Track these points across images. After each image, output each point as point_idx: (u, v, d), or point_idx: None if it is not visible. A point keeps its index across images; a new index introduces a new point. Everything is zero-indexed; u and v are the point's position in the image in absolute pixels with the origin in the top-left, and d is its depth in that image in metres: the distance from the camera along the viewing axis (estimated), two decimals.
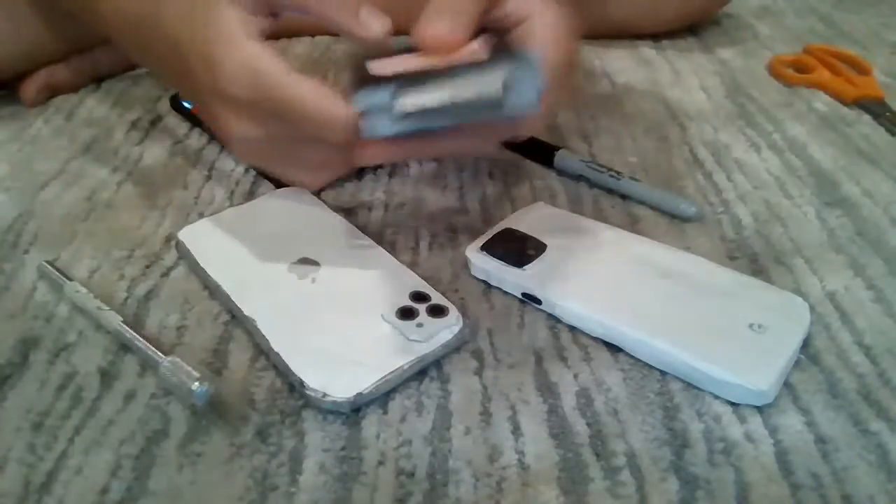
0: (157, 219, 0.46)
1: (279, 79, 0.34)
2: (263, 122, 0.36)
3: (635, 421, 0.32)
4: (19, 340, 0.37)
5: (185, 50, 0.36)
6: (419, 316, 0.36)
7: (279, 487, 0.29)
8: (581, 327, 0.37)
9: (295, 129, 0.35)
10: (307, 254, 0.40)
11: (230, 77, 0.34)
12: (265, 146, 0.37)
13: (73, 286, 0.38)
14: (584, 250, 0.41)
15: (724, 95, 0.61)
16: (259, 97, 0.34)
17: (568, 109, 0.45)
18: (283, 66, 0.34)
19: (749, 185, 0.49)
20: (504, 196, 0.48)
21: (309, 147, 0.37)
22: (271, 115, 0.35)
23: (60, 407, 0.33)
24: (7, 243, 0.43)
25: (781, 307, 0.37)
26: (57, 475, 0.30)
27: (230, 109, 0.36)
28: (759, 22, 0.78)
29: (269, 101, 0.34)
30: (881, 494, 0.29)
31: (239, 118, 0.36)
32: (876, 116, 0.58)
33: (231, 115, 0.36)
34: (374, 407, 0.33)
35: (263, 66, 0.34)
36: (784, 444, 0.31)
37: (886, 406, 0.33)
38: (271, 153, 0.38)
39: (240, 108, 0.35)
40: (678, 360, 0.34)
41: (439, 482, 0.30)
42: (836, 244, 0.43)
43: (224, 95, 0.35)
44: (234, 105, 0.35)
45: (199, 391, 0.32)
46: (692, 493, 0.29)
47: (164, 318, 0.38)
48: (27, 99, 0.58)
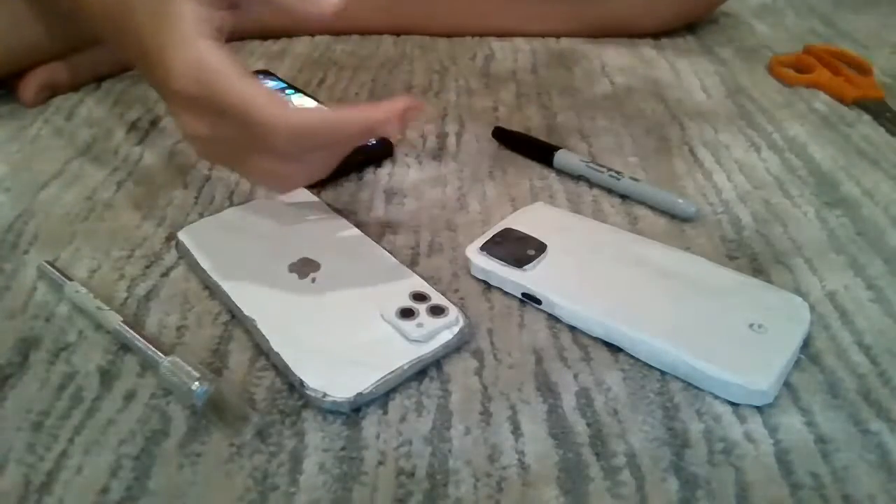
0: (157, 219, 0.46)
1: (226, 79, 0.34)
2: (211, 121, 0.36)
3: (635, 421, 0.32)
4: (19, 340, 0.37)
5: (146, 43, 0.37)
6: (419, 316, 0.36)
7: (279, 487, 0.29)
8: (581, 327, 0.37)
9: (240, 131, 0.35)
10: (307, 254, 0.40)
11: (179, 73, 0.34)
12: (219, 147, 0.37)
13: (73, 286, 0.38)
14: (584, 250, 0.41)
15: (724, 95, 0.61)
16: (205, 94, 0.34)
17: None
18: (234, 66, 0.34)
19: (749, 185, 0.49)
20: (504, 196, 0.48)
21: (263, 155, 0.37)
22: (218, 114, 0.35)
23: (60, 407, 0.33)
24: (7, 243, 0.43)
25: (781, 307, 0.37)
26: (57, 475, 0.30)
27: (180, 106, 0.36)
28: (759, 22, 0.78)
29: (214, 99, 0.34)
30: (881, 494, 0.29)
31: (188, 116, 0.36)
32: (876, 116, 0.58)
33: (181, 112, 0.36)
34: (374, 407, 0.33)
35: (212, 65, 0.34)
36: (784, 444, 0.31)
37: (886, 406, 0.33)
38: (226, 155, 0.38)
39: (188, 106, 0.36)
40: (678, 360, 0.34)
41: (439, 482, 0.30)
42: (836, 244, 0.43)
43: (174, 91, 0.35)
44: (183, 102, 0.36)
45: (199, 391, 0.32)
46: (692, 493, 0.29)
47: (163, 317, 0.38)
48: (27, 99, 0.58)
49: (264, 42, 0.71)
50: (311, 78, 0.64)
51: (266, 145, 0.35)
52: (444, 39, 0.72)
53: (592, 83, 0.63)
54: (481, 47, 0.70)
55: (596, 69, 0.66)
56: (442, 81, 0.64)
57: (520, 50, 0.70)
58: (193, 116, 0.36)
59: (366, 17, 0.73)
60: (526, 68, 0.66)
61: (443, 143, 0.54)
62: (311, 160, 0.38)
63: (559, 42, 0.72)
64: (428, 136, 0.55)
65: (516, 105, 0.60)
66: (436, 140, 0.55)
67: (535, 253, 0.40)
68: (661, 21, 0.71)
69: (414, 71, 0.66)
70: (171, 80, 0.35)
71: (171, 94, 0.36)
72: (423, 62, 0.67)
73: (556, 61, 0.67)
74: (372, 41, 0.72)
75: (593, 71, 0.66)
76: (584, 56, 0.68)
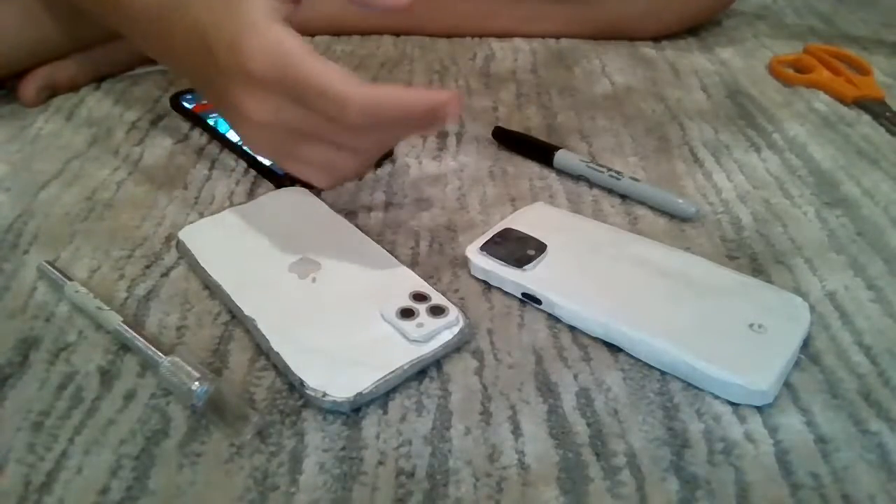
0: (157, 219, 0.46)
1: (302, 57, 0.35)
2: (278, 105, 0.37)
3: (635, 421, 0.32)
4: (19, 340, 0.37)
5: (210, 34, 0.38)
6: (419, 316, 0.36)
7: (279, 487, 0.29)
8: (581, 327, 0.37)
9: (309, 115, 0.36)
10: (307, 254, 0.40)
11: (254, 55, 0.36)
12: (276, 135, 0.38)
13: (73, 286, 0.38)
14: (584, 250, 0.41)
15: (724, 95, 0.61)
16: (280, 75, 0.36)
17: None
18: (307, 46, 0.36)
19: (749, 185, 0.49)
20: (504, 196, 0.48)
21: (317, 144, 0.38)
22: (289, 96, 0.36)
23: (60, 407, 0.33)
24: (7, 243, 0.43)
25: (781, 307, 0.37)
26: (57, 475, 0.30)
27: (248, 90, 0.37)
28: (759, 22, 0.78)
29: (289, 78, 0.35)
30: (881, 494, 0.29)
31: (255, 99, 0.37)
32: (876, 116, 0.58)
33: (248, 96, 0.37)
34: (374, 407, 0.33)
35: (287, 45, 0.36)
36: (784, 444, 0.31)
37: (886, 406, 0.33)
38: (281, 144, 0.39)
39: (257, 88, 0.37)
40: (678, 360, 0.34)
41: (439, 482, 0.30)
42: (836, 244, 0.43)
43: (245, 74, 0.36)
44: (252, 85, 0.37)
45: (199, 391, 0.32)
46: (692, 493, 0.29)
47: (164, 317, 0.38)
48: (27, 99, 0.58)
49: None
50: None
51: (333, 127, 0.36)
52: (444, 39, 0.72)
53: (592, 83, 0.63)
54: (481, 47, 0.70)
55: (596, 69, 0.66)
56: (442, 81, 0.64)
57: (520, 50, 0.70)
58: (261, 100, 0.37)
59: (366, 17, 0.73)
60: (526, 68, 0.66)
61: (443, 143, 0.54)
62: (366, 147, 0.39)
63: (559, 42, 0.72)
64: (428, 136, 0.55)
65: (516, 105, 0.60)
66: (436, 140, 0.55)
67: (535, 253, 0.40)
68: (664, 26, 0.71)
69: (414, 71, 0.66)
70: (248, 62, 0.36)
71: (241, 77, 0.36)
72: (423, 62, 0.67)
73: (556, 61, 0.67)
74: (372, 41, 0.72)
75: (593, 71, 0.66)
76: (584, 56, 0.68)
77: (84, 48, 0.60)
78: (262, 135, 0.39)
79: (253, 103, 0.37)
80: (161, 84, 0.62)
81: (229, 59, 0.37)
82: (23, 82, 0.58)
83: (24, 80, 0.58)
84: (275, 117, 0.37)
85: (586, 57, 0.68)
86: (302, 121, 0.37)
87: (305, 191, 0.46)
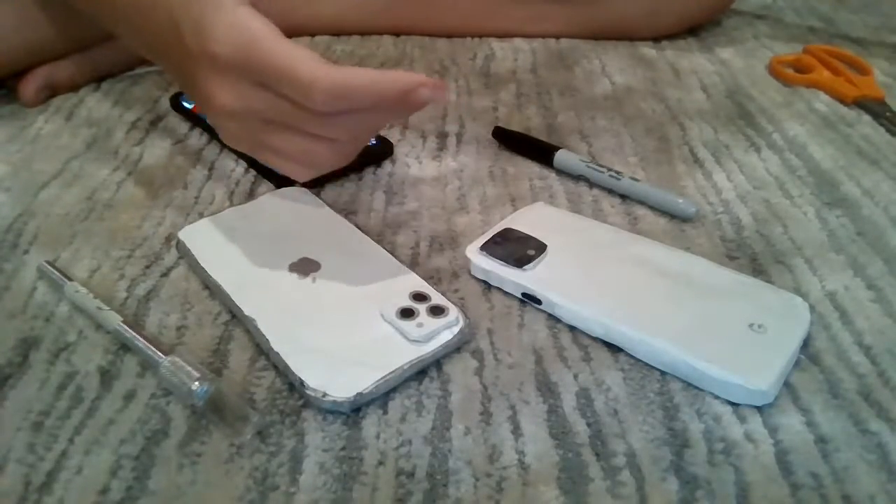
0: (157, 219, 0.46)
1: (268, 40, 0.34)
2: (245, 92, 0.35)
3: (635, 421, 0.32)
4: (19, 340, 0.37)
5: (178, 14, 0.37)
6: (419, 316, 0.36)
7: (279, 487, 0.29)
8: (581, 327, 0.37)
9: (277, 101, 0.35)
10: (307, 254, 0.40)
11: (219, 37, 0.35)
12: (246, 123, 0.37)
13: (73, 286, 0.38)
14: (584, 250, 0.41)
15: (724, 95, 0.62)
16: (244, 58, 0.34)
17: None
18: (275, 30, 0.35)
19: (749, 185, 0.49)
20: (504, 196, 0.48)
21: (289, 133, 0.37)
22: (255, 81, 0.35)
23: (60, 407, 0.33)
24: (7, 243, 0.43)
25: (781, 307, 0.37)
26: (57, 475, 0.30)
27: (214, 75, 0.36)
28: (759, 22, 0.78)
29: (254, 61, 0.34)
30: (881, 494, 0.29)
31: (221, 85, 0.36)
32: (876, 116, 0.58)
33: (214, 82, 0.36)
34: (374, 407, 0.33)
35: (253, 27, 0.35)
36: (784, 444, 0.31)
37: (886, 406, 0.33)
38: (252, 133, 0.38)
39: (223, 73, 0.35)
40: (678, 360, 0.34)
41: (439, 482, 0.30)
42: (836, 244, 0.43)
43: (210, 57, 0.35)
44: (218, 69, 0.36)
45: (199, 391, 0.32)
46: (692, 493, 0.29)
47: (164, 317, 0.38)
48: (27, 99, 0.58)
49: None
50: None
51: (301, 114, 0.35)
52: (444, 39, 0.72)
53: (592, 83, 0.63)
54: (481, 47, 0.71)
55: (596, 69, 0.66)
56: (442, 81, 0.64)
57: (520, 50, 0.70)
58: (227, 86, 0.36)
59: (366, 17, 0.73)
60: (526, 68, 0.66)
61: (443, 143, 0.54)
62: (340, 135, 0.37)
63: (559, 42, 0.72)
64: (428, 136, 0.55)
65: (516, 105, 0.60)
66: (436, 140, 0.55)
67: (535, 253, 0.40)
68: (664, 27, 0.71)
69: (414, 71, 0.66)
70: (212, 44, 0.35)
71: (209, 60, 0.36)
72: (423, 62, 0.67)
73: (556, 61, 0.67)
74: (372, 41, 0.72)
75: (593, 71, 0.66)
76: (584, 56, 0.68)
77: (83, 48, 0.60)
78: (232, 124, 0.38)
79: (219, 89, 0.36)
80: (161, 84, 0.62)
81: (194, 42, 0.36)
82: (22, 82, 0.58)
83: (23, 80, 0.58)
84: (242, 104, 0.36)
85: (586, 57, 0.68)
86: (270, 108, 0.35)
87: (305, 191, 0.46)
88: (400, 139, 0.54)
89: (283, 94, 0.34)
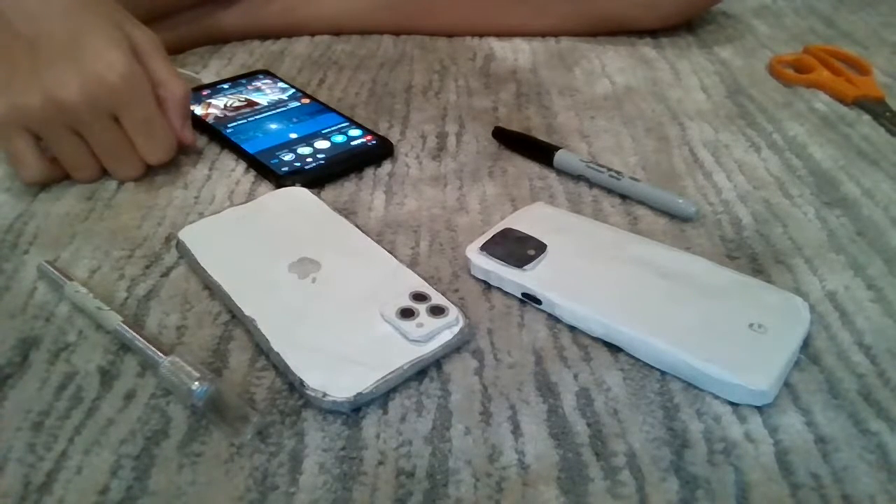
0: (157, 219, 0.46)
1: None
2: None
3: (635, 421, 0.32)
4: (19, 340, 0.37)
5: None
6: (419, 316, 0.36)
7: (279, 487, 0.29)
8: (581, 327, 0.37)
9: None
10: (307, 254, 0.40)
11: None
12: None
13: (73, 286, 0.38)
14: (584, 250, 0.41)
15: (724, 95, 0.62)
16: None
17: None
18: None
19: (749, 185, 0.49)
20: (504, 196, 0.48)
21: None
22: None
23: (60, 407, 0.33)
24: (7, 243, 0.43)
25: (781, 307, 0.37)
26: (57, 475, 0.30)
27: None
28: (759, 21, 0.78)
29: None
30: (881, 494, 0.29)
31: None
32: (876, 116, 0.58)
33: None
34: (374, 407, 0.33)
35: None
36: (784, 444, 0.31)
37: (886, 406, 0.33)
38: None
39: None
40: (678, 360, 0.34)
41: (439, 482, 0.30)
42: (836, 244, 0.43)
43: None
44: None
45: (199, 391, 0.32)
46: (692, 493, 0.29)
47: (164, 318, 0.38)
48: None
49: (264, 42, 0.71)
50: (311, 78, 0.64)
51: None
52: (444, 39, 0.72)
53: (592, 83, 0.63)
54: (481, 47, 0.71)
55: (596, 69, 0.66)
56: (442, 81, 0.64)
57: (520, 50, 0.70)
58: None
59: (366, 17, 0.73)
60: (526, 68, 0.66)
61: (443, 143, 0.54)
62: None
63: (559, 42, 0.72)
64: (428, 136, 0.55)
65: (516, 105, 0.60)
66: (436, 140, 0.55)
67: (535, 253, 0.40)
68: (663, 15, 0.71)
69: (414, 71, 0.66)
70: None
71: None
72: (423, 62, 0.67)
73: (556, 61, 0.67)
74: (372, 41, 0.72)
75: (593, 71, 0.66)
76: (584, 56, 0.68)
77: None
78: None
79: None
80: None
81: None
82: None
83: None
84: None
85: (586, 57, 0.68)
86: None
87: (305, 191, 0.46)
88: (400, 139, 0.54)
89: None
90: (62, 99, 0.43)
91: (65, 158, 0.47)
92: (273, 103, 0.58)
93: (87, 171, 0.48)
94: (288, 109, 0.57)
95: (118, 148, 0.47)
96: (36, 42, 0.44)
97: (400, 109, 0.59)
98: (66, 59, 0.44)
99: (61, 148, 0.46)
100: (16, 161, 0.47)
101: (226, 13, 0.69)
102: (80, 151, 0.47)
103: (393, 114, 0.58)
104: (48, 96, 0.43)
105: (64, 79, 0.44)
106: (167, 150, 0.48)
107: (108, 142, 0.47)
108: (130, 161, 0.48)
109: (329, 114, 0.56)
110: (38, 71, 0.44)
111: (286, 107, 0.57)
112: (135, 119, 0.46)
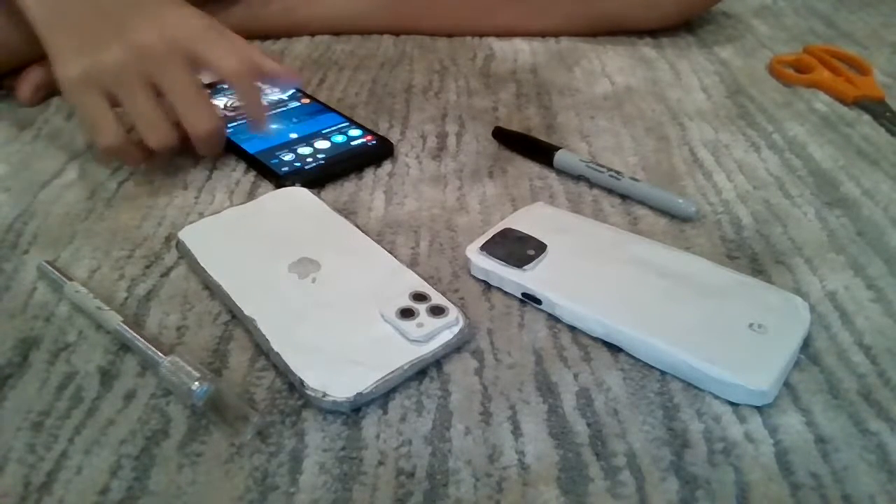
0: (157, 219, 0.46)
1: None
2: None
3: (635, 421, 0.32)
4: (19, 340, 0.37)
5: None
6: (419, 316, 0.36)
7: (279, 487, 0.29)
8: (581, 327, 0.37)
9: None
10: (307, 254, 0.40)
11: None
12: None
13: (73, 286, 0.38)
14: (584, 250, 0.41)
15: (724, 95, 0.62)
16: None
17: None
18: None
19: (749, 185, 0.49)
20: (504, 196, 0.48)
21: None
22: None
23: (60, 407, 0.33)
24: (7, 243, 0.43)
25: (781, 307, 0.37)
26: (57, 475, 0.30)
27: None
28: (759, 21, 0.78)
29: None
30: (881, 494, 0.29)
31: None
32: (876, 116, 0.58)
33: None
34: (374, 407, 0.33)
35: None
36: (784, 444, 0.31)
37: (886, 406, 0.33)
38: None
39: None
40: (678, 360, 0.34)
41: (439, 482, 0.30)
42: (836, 244, 0.43)
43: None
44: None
45: (199, 391, 0.32)
46: (692, 493, 0.29)
47: (164, 318, 0.38)
48: (24, 98, 0.58)
49: (264, 42, 0.71)
50: (311, 78, 0.64)
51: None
52: (444, 39, 0.72)
53: (592, 83, 0.63)
54: (481, 47, 0.71)
55: (596, 69, 0.66)
56: (442, 81, 0.64)
57: (520, 50, 0.70)
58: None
59: (366, 17, 0.73)
60: (526, 68, 0.66)
61: (443, 143, 0.54)
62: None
63: (559, 42, 0.72)
64: (428, 136, 0.55)
65: (516, 105, 0.60)
66: (436, 140, 0.55)
67: (535, 253, 0.40)
68: (663, 15, 0.71)
69: (414, 71, 0.66)
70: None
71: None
72: (423, 62, 0.67)
73: (556, 61, 0.67)
74: (372, 41, 0.72)
75: (593, 71, 0.66)
76: (584, 56, 0.68)
77: None
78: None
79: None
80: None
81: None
82: (18, 82, 0.58)
83: (20, 80, 0.58)
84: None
85: (586, 57, 0.68)
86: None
87: (305, 191, 0.46)
88: (400, 139, 0.54)
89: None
90: (141, 42, 0.44)
91: (139, 117, 0.46)
92: (273, 103, 0.58)
93: (160, 132, 0.46)
94: (288, 109, 0.57)
95: (195, 95, 0.47)
96: (112, 10, 0.46)
97: (400, 109, 0.59)
98: (141, 16, 0.45)
99: (137, 105, 0.46)
100: (93, 126, 0.46)
101: (226, 13, 0.69)
102: (156, 111, 0.46)
103: (393, 114, 0.58)
104: (128, 44, 0.44)
105: (142, 27, 0.45)
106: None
107: (185, 88, 0.46)
108: (207, 113, 0.47)
109: (329, 114, 0.56)
110: (116, 29, 0.45)
111: (286, 107, 0.57)
112: (213, 56, 0.46)
